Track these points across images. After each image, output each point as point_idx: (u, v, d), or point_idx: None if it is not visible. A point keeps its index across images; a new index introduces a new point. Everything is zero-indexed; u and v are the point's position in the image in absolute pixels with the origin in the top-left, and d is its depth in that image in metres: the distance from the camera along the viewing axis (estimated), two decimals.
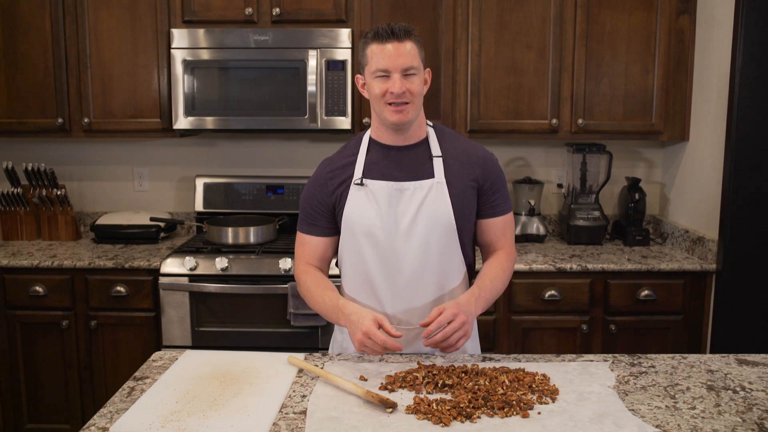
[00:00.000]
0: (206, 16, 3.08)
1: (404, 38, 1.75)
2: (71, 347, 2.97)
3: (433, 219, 1.80)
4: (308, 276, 1.88)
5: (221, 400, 1.51)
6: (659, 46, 3.09)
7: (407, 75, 1.75)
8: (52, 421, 3.02)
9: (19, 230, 3.33)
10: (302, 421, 1.42)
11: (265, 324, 2.89)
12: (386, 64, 1.74)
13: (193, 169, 3.53)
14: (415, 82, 1.76)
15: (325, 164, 1.92)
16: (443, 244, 1.82)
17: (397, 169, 1.83)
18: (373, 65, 1.76)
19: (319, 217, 1.89)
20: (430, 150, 1.85)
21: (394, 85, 1.74)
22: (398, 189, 1.81)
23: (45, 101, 3.14)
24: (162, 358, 1.78)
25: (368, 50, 1.78)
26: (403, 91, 1.74)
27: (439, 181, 1.82)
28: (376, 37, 1.76)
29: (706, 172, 2.99)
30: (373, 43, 1.76)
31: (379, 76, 1.76)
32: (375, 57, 1.76)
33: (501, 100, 3.12)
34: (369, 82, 1.80)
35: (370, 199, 1.81)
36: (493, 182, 1.87)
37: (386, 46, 1.74)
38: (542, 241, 3.31)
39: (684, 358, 1.77)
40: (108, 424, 1.42)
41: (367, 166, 1.85)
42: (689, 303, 2.92)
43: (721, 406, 1.49)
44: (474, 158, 1.86)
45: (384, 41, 1.74)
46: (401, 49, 1.74)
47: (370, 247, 1.82)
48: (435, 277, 1.83)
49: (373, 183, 1.82)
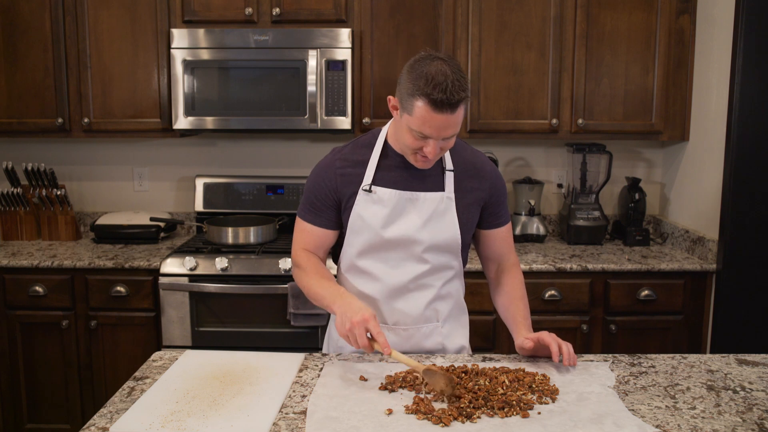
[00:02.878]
0: (206, 16, 3.09)
1: (458, 107, 1.60)
2: (71, 347, 2.97)
3: (438, 233, 1.80)
4: (308, 261, 1.83)
5: (221, 400, 1.51)
6: (659, 46, 3.09)
7: (446, 138, 1.66)
8: (51, 420, 3.03)
9: (19, 230, 3.33)
10: (302, 421, 1.42)
11: (265, 324, 2.89)
12: (431, 132, 1.62)
13: (193, 169, 3.53)
14: (452, 141, 1.68)
15: (336, 155, 1.85)
16: (444, 256, 1.83)
17: (408, 178, 1.80)
18: (415, 124, 1.62)
19: (324, 208, 1.83)
20: (443, 162, 1.83)
21: (429, 150, 1.65)
22: (408, 199, 1.79)
23: (45, 101, 3.14)
24: (162, 358, 1.77)
25: (416, 102, 1.60)
26: (436, 153, 1.68)
27: (449, 195, 1.81)
28: (431, 101, 1.57)
29: (706, 172, 2.99)
30: (425, 102, 1.58)
31: (417, 136, 1.65)
32: (420, 120, 1.60)
33: (501, 100, 3.12)
34: (404, 126, 1.67)
35: (377, 206, 1.79)
36: (498, 195, 1.88)
37: (438, 116, 1.59)
38: (542, 241, 3.31)
39: (684, 358, 1.77)
40: (108, 424, 1.41)
41: (379, 172, 1.80)
42: (689, 303, 2.92)
43: (721, 406, 1.49)
44: (482, 172, 1.86)
45: (437, 110, 1.58)
46: (452, 121, 1.60)
47: (371, 252, 1.82)
48: (432, 284, 1.84)
49: (383, 191, 1.79)
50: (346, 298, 1.67)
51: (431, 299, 1.85)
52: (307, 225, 1.86)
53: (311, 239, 1.86)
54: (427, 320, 1.86)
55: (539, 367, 1.69)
